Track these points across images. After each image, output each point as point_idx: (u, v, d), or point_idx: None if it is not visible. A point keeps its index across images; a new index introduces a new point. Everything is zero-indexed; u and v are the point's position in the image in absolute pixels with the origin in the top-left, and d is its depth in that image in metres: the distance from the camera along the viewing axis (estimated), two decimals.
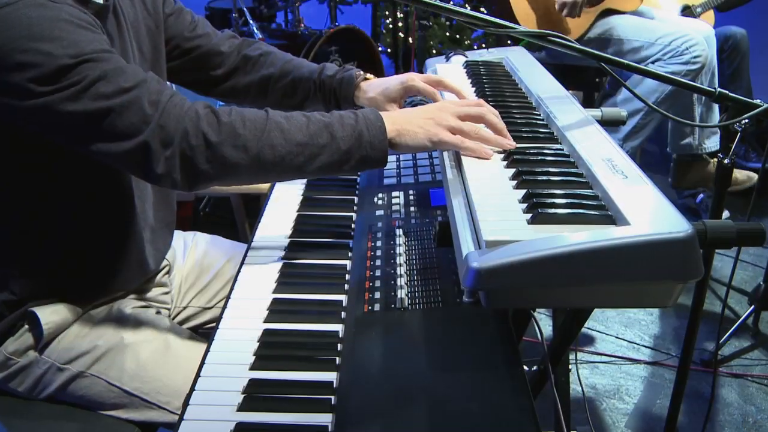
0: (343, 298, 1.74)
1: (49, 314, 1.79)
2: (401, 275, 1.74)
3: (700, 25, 4.22)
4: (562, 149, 1.62)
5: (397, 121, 1.69)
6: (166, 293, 2.14)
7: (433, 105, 1.77)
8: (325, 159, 1.63)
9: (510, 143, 1.66)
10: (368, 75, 2.14)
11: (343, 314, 1.68)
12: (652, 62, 3.86)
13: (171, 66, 2.09)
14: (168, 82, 2.15)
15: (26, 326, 1.81)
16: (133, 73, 1.55)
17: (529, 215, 1.29)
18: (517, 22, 3.86)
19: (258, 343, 1.59)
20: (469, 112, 1.71)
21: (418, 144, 1.68)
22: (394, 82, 2.06)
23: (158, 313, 1.98)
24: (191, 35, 2.12)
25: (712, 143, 4.46)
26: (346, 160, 1.64)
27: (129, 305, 1.94)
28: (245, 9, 4.96)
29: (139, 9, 1.92)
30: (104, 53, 1.53)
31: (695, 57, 3.77)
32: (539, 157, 1.57)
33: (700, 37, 3.84)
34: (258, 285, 1.82)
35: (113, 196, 1.81)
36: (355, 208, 2.16)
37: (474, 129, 1.67)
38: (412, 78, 2.03)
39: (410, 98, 2.12)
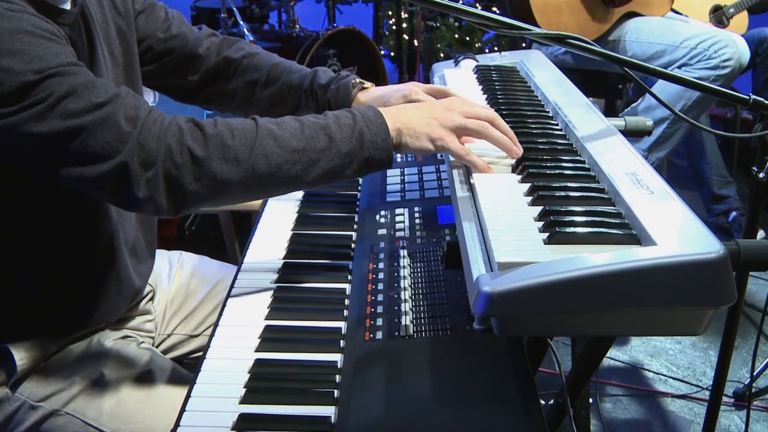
0: (342, 325, 1.74)
1: (23, 350, 1.79)
2: (406, 300, 1.74)
3: (730, 33, 4.21)
4: (582, 162, 1.62)
5: (398, 118, 1.68)
6: (150, 321, 2.14)
7: (440, 103, 1.76)
8: (325, 165, 1.61)
9: (518, 150, 1.67)
10: (366, 83, 2.11)
11: (342, 343, 1.68)
12: (678, 67, 3.84)
13: (144, 71, 2.05)
14: (148, 90, 2.14)
15: None
16: (105, 88, 1.51)
17: (545, 234, 1.29)
18: (533, 18, 3.90)
19: (249, 375, 1.59)
20: (479, 113, 1.71)
21: (420, 146, 1.67)
22: (395, 95, 2.03)
23: (141, 344, 1.97)
24: (165, 36, 2.08)
25: None
26: (348, 164, 1.63)
27: (109, 337, 1.94)
28: (235, 9, 4.97)
29: (108, 8, 1.88)
30: (71, 66, 1.49)
31: (725, 61, 3.74)
32: (557, 171, 1.58)
33: (729, 38, 3.82)
34: (249, 311, 1.82)
35: (90, 216, 1.80)
36: (355, 226, 2.16)
37: (481, 126, 1.67)
38: (415, 90, 2.00)
39: None
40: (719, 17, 4.50)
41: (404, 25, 6.88)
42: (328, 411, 1.48)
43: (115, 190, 1.51)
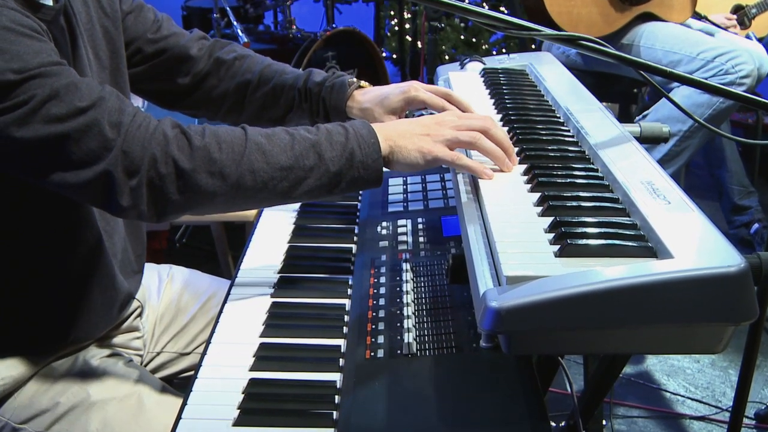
0: (341, 342, 1.74)
1: (4, 369, 1.79)
2: (408, 316, 1.74)
3: (751, 45, 4.20)
4: (595, 170, 1.62)
5: (390, 136, 1.70)
6: (138, 338, 2.14)
7: (432, 118, 1.78)
8: (313, 183, 1.63)
9: (510, 165, 1.68)
10: (363, 82, 2.12)
11: (341, 361, 1.67)
12: None
13: (132, 74, 2.05)
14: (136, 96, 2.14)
15: None
16: (89, 90, 1.52)
17: (556, 247, 1.30)
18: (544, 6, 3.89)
19: (243, 395, 1.58)
20: (472, 125, 1.72)
21: (411, 162, 1.69)
22: (394, 91, 2.03)
23: (129, 362, 1.97)
24: (155, 37, 2.08)
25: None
26: (336, 183, 1.65)
27: (96, 355, 1.93)
28: (228, 9, 4.98)
29: (93, 8, 1.88)
30: (54, 66, 1.50)
31: (742, 77, 3.73)
32: (568, 180, 1.58)
33: (748, 54, 3.81)
34: (243, 327, 1.81)
35: (75, 227, 1.80)
36: (355, 238, 2.16)
37: (473, 137, 1.68)
38: (416, 88, 2.01)
39: (418, 112, 2.11)
40: (741, 18, 4.51)
41: (407, 25, 6.90)
42: None
43: (99, 196, 1.54)
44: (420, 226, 2.12)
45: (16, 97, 1.44)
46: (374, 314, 1.78)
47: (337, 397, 1.56)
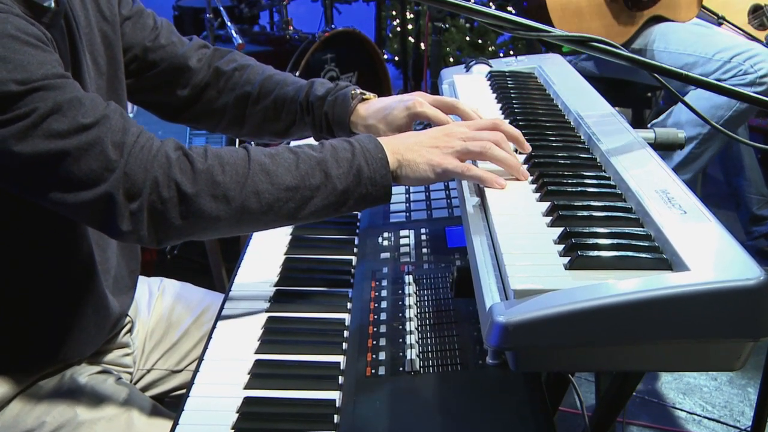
0: (340, 359, 1.74)
1: None
2: (411, 331, 1.74)
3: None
4: (607, 178, 1.62)
5: (398, 150, 1.69)
6: (128, 354, 2.13)
7: (440, 129, 1.77)
8: (319, 202, 1.63)
9: (526, 173, 1.67)
10: (367, 94, 2.10)
11: (340, 379, 1.68)
12: None
13: (130, 84, 2.05)
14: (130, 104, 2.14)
15: None
16: (93, 106, 1.52)
17: (566, 259, 1.29)
18: (550, 23, 3.88)
19: (237, 415, 1.59)
20: (482, 135, 1.71)
21: (420, 176, 1.69)
22: (398, 106, 2.01)
23: (119, 380, 1.97)
24: (152, 45, 2.07)
25: None
26: (343, 202, 1.65)
27: (84, 372, 1.93)
28: (222, 9, 4.97)
29: (92, 11, 1.88)
30: (58, 79, 1.50)
31: (762, 77, 3.72)
32: (579, 188, 1.58)
33: (766, 53, 3.80)
34: (237, 343, 1.82)
35: (66, 240, 1.79)
36: (355, 250, 2.16)
37: (484, 147, 1.67)
38: (420, 102, 1.99)
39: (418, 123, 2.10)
40: (759, 17, 4.50)
41: (410, 26, 6.90)
42: None
43: (98, 219, 1.55)
44: (423, 237, 2.12)
45: (17, 109, 1.44)
46: (375, 329, 1.78)
47: (336, 416, 1.57)
